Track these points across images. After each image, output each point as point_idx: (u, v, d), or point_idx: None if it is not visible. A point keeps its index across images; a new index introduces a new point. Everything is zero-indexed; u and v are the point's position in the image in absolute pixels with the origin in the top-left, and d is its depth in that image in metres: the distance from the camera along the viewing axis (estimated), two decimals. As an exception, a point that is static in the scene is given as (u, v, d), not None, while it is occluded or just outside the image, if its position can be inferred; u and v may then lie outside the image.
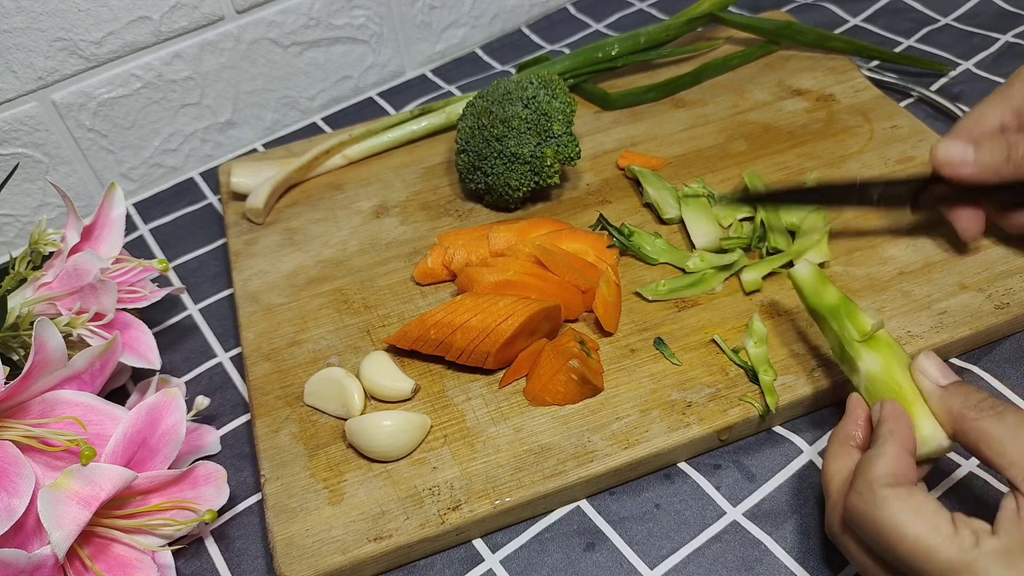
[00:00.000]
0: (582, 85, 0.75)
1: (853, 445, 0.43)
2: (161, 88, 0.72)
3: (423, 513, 0.47)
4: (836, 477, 0.42)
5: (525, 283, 0.54)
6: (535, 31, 0.90)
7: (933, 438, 0.41)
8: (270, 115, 0.80)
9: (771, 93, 0.73)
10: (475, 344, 0.51)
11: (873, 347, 0.44)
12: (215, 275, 0.67)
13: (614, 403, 0.51)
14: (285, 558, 0.46)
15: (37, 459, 0.45)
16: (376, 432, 0.49)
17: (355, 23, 0.79)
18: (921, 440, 0.41)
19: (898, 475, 0.38)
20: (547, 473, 0.48)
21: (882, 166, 0.64)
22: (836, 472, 0.42)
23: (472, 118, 0.64)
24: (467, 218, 0.65)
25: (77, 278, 0.52)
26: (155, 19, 0.68)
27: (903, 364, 0.44)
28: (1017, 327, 0.54)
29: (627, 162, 0.66)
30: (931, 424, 0.41)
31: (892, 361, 0.44)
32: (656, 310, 0.56)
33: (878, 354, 0.44)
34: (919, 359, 0.43)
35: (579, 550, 0.47)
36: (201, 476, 0.48)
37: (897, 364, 0.43)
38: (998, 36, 0.78)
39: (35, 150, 0.69)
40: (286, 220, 0.67)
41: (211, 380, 0.59)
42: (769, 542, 0.46)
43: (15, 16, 0.62)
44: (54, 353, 0.45)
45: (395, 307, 0.59)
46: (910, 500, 0.37)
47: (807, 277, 0.48)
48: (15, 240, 0.72)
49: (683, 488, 0.49)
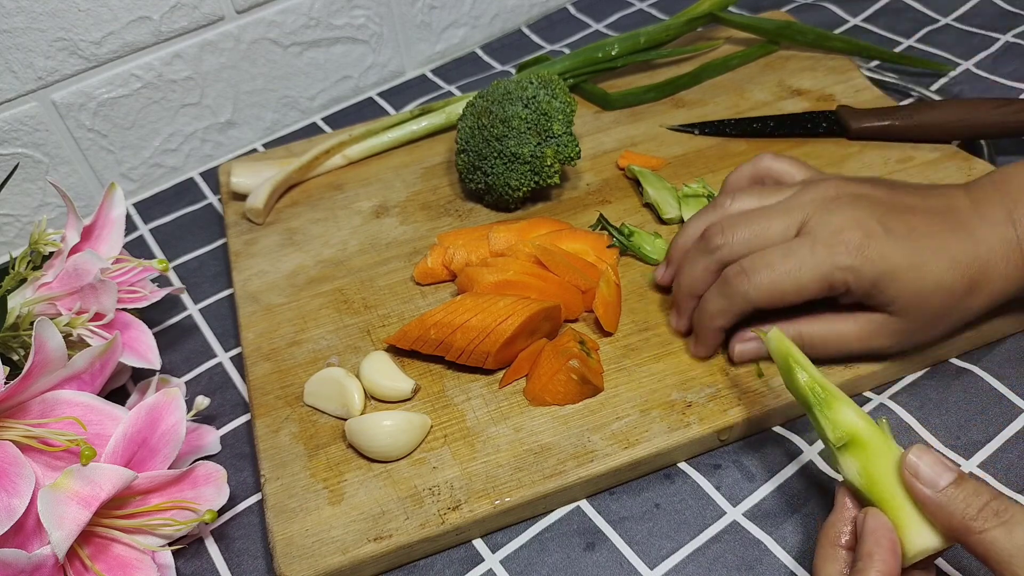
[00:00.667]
0: (582, 85, 0.75)
1: (841, 546, 0.40)
2: (161, 88, 0.72)
3: (423, 513, 0.47)
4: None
5: (525, 283, 0.54)
6: (535, 31, 0.90)
7: (925, 546, 0.37)
8: (270, 115, 0.80)
9: (771, 93, 0.73)
10: (475, 344, 0.51)
11: (850, 452, 0.40)
12: (215, 275, 0.67)
13: (614, 403, 0.51)
14: (285, 558, 0.46)
15: (37, 459, 0.45)
16: (376, 432, 0.49)
17: (355, 23, 0.79)
18: (911, 552, 0.38)
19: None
20: (547, 473, 0.48)
21: (882, 166, 0.64)
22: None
23: (472, 118, 0.64)
24: (467, 218, 0.65)
25: (77, 278, 0.52)
26: (155, 19, 0.68)
27: (889, 464, 0.39)
28: (1017, 327, 0.54)
29: (627, 162, 0.66)
30: (921, 533, 0.38)
31: (871, 467, 0.39)
32: (656, 310, 0.56)
33: (855, 460, 0.40)
34: (909, 459, 0.38)
35: (579, 550, 0.47)
36: (201, 476, 0.48)
37: (879, 467, 0.39)
38: (998, 36, 0.78)
39: (35, 150, 0.69)
40: (286, 220, 0.67)
41: (211, 380, 0.59)
42: (769, 542, 0.46)
43: (15, 16, 0.62)
44: (54, 353, 0.45)
45: (395, 307, 0.59)
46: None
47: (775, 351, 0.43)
48: (15, 240, 0.72)
49: (683, 488, 0.49)
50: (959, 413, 0.50)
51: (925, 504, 0.38)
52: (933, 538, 0.37)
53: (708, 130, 0.70)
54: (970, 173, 0.62)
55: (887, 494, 0.39)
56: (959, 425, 0.50)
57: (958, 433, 0.50)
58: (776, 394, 0.50)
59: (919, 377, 0.53)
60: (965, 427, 0.50)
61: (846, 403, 0.41)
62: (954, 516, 0.36)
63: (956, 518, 0.36)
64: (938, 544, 0.38)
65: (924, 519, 0.38)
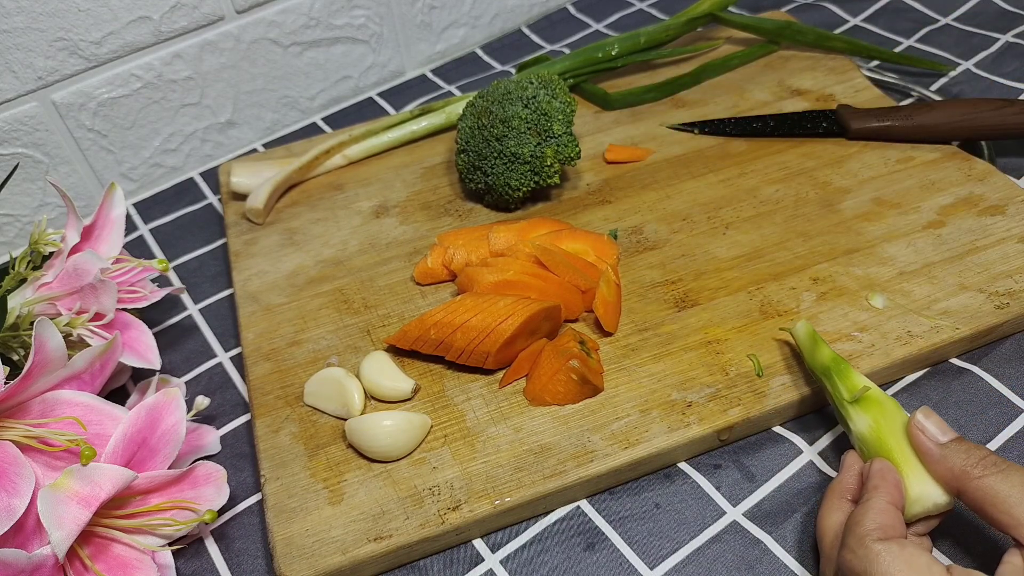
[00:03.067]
0: (582, 85, 0.75)
1: (848, 499, 0.42)
2: (161, 88, 0.72)
3: (423, 513, 0.47)
4: (830, 531, 0.41)
5: (525, 283, 0.54)
6: (535, 31, 0.90)
7: (927, 496, 0.40)
8: (270, 115, 0.80)
9: (771, 93, 0.73)
10: (475, 344, 0.51)
11: (863, 407, 0.44)
12: (215, 275, 0.67)
13: (614, 403, 0.51)
14: (285, 558, 0.46)
15: (37, 459, 0.45)
16: (376, 432, 0.49)
17: (355, 23, 0.79)
18: (913, 498, 0.40)
19: (886, 528, 0.38)
20: (547, 473, 0.48)
21: (882, 166, 0.64)
22: (830, 526, 0.41)
23: (472, 118, 0.64)
24: (467, 218, 0.65)
25: (77, 278, 0.52)
26: (155, 19, 0.68)
27: (897, 423, 0.43)
28: (1017, 327, 0.54)
29: (613, 156, 0.67)
30: (924, 482, 0.41)
31: (882, 421, 0.43)
32: (656, 310, 0.56)
33: (867, 415, 0.44)
34: (916, 417, 0.42)
35: (579, 550, 0.47)
36: (201, 476, 0.48)
37: (888, 424, 0.43)
38: (998, 36, 0.78)
39: (35, 150, 0.69)
40: (286, 220, 0.67)
41: (211, 380, 0.59)
42: (769, 542, 0.46)
43: (15, 16, 0.62)
44: (54, 353, 0.45)
45: (395, 307, 0.59)
46: (902, 554, 0.37)
47: (803, 336, 0.49)
48: (15, 240, 0.72)
49: (683, 488, 0.49)
50: (959, 413, 0.50)
51: (929, 456, 0.41)
52: (935, 489, 0.40)
53: (708, 130, 0.70)
54: (970, 173, 0.62)
55: (894, 448, 0.42)
56: (959, 425, 0.50)
57: (958, 433, 0.50)
58: (776, 394, 0.50)
59: (919, 377, 0.53)
60: (965, 427, 0.50)
61: (862, 376, 0.46)
62: (955, 466, 0.39)
63: (957, 467, 0.39)
64: (938, 496, 0.40)
65: (927, 475, 0.41)
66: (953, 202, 0.61)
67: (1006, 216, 0.59)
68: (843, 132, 0.67)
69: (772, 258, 0.58)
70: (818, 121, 0.68)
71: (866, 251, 0.58)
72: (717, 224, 0.61)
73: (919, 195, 0.61)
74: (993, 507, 0.37)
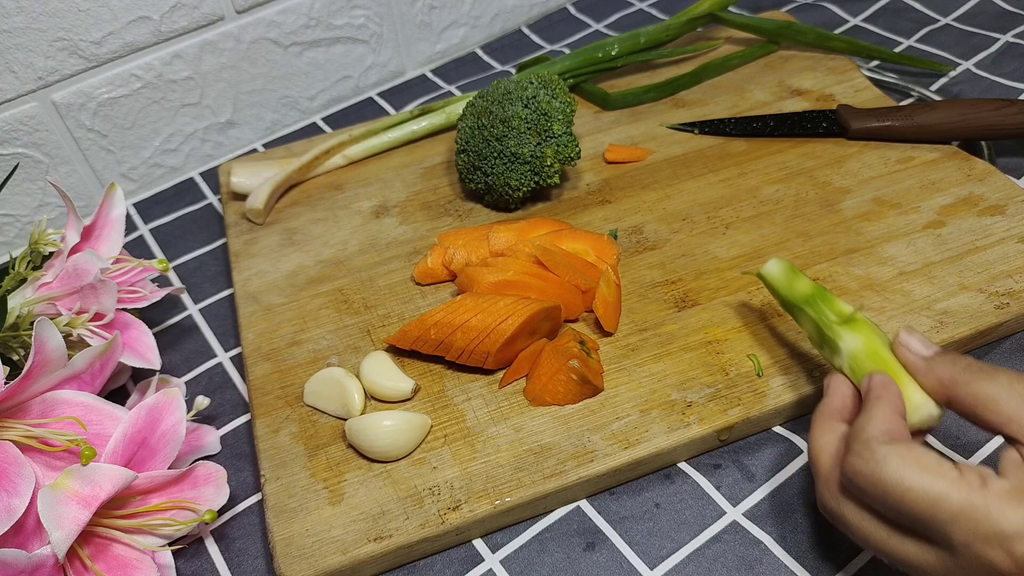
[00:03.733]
0: (582, 85, 0.75)
1: (839, 419, 0.42)
2: (161, 88, 0.72)
3: (423, 513, 0.47)
4: (825, 450, 0.41)
5: (525, 283, 0.54)
6: (535, 31, 0.90)
7: (923, 406, 0.40)
8: (270, 115, 0.80)
9: (771, 93, 0.73)
10: (475, 344, 0.51)
11: (853, 328, 0.45)
12: (215, 275, 0.67)
13: (614, 403, 0.51)
14: (285, 558, 0.46)
15: (37, 459, 0.45)
16: (376, 432, 0.49)
17: (355, 23, 0.79)
18: (911, 408, 0.41)
19: (893, 432, 0.38)
20: (547, 473, 0.48)
21: (882, 166, 0.64)
22: (824, 446, 0.41)
23: (472, 118, 0.64)
24: (467, 218, 0.65)
25: (77, 278, 0.52)
26: (155, 19, 0.68)
27: (884, 343, 0.44)
28: (1017, 327, 0.54)
29: (613, 155, 0.67)
30: (919, 394, 0.41)
31: (874, 338, 0.44)
32: (656, 310, 0.56)
33: (859, 333, 0.44)
34: (901, 335, 0.42)
35: (579, 550, 0.47)
36: (201, 476, 0.48)
37: (879, 341, 0.43)
38: (998, 36, 0.78)
39: (35, 150, 0.69)
40: (286, 220, 0.67)
41: (211, 380, 0.59)
42: (769, 542, 0.46)
43: (15, 16, 0.62)
44: (54, 353, 0.45)
45: (395, 307, 0.59)
46: (910, 454, 0.36)
47: (778, 272, 0.49)
48: (15, 240, 0.72)
49: (683, 488, 0.49)
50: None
51: (917, 369, 0.41)
52: (929, 401, 0.41)
53: (708, 129, 0.70)
54: (970, 173, 0.62)
55: (891, 360, 0.42)
56: (959, 425, 0.50)
57: (958, 433, 0.50)
58: (776, 394, 0.50)
59: (919, 377, 0.53)
60: (965, 427, 0.50)
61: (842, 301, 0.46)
62: (943, 375, 0.40)
63: (945, 376, 0.40)
64: (932, 408, 0.41)
65: (918, 388, 0.41)
66: (953, 202, 0.61)
67: (1006, 216, 0.59)
68: (843, 132, 0.67)
69: (772, 258, 0.58)
70: (818, 121, 0.68)
71: (866, 251, 0.58)
72: (717, 224, 0.62)
73: (919, 195, 0.62)
74: (984, 408, 0.38)
